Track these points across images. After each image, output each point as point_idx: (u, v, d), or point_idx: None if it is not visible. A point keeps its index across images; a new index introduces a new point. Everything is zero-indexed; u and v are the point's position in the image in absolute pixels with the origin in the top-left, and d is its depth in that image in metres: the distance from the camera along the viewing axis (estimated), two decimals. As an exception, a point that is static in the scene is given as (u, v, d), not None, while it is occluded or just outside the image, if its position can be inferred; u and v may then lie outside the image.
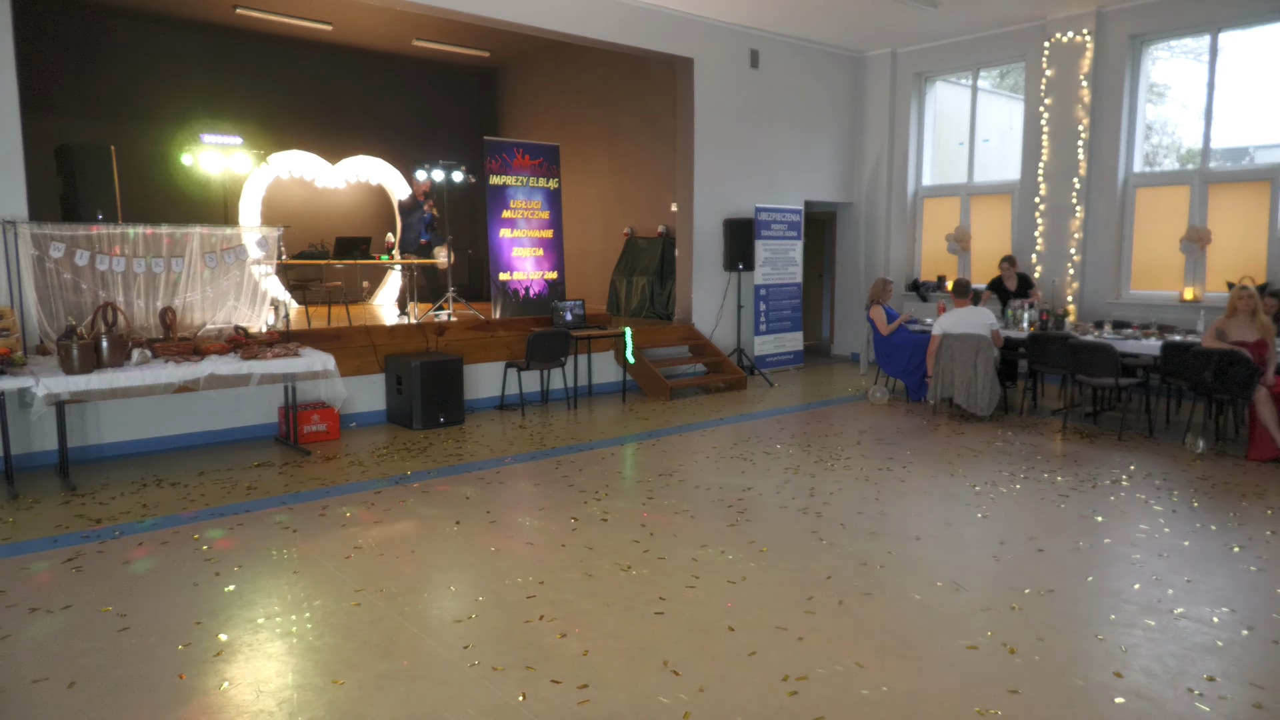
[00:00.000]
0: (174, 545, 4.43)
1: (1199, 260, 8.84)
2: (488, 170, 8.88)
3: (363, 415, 7.45)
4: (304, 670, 3.13)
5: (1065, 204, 9.58)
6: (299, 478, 5.76)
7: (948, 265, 11.06)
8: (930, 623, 3.52)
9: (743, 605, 3.69)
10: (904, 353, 8.37)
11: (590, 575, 4.02)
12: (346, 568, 4.12)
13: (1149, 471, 5.90)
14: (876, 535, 4.60)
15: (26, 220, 6.01)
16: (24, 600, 3.74)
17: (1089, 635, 3.40)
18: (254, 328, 6.90)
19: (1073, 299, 9.56)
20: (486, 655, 3.23)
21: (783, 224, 10.53)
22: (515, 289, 9.10)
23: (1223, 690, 2.97)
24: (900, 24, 9.98)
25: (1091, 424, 7.50)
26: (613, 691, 2.97)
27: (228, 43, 11.54)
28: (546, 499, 5.31)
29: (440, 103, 13.75)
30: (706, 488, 5.50)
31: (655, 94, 10.94)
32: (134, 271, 6.39)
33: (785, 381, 9.83)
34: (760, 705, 2.88)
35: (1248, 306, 6.38)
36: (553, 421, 7.59)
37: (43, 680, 3.05)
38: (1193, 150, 9.23)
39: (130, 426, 6.38)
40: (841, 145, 11.45)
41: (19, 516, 4.92)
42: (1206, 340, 6.48)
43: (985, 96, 11.08)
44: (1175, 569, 4.10)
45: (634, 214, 11.58)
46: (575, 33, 8.73)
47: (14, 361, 5.39)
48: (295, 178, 11.59)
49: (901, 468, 6.00)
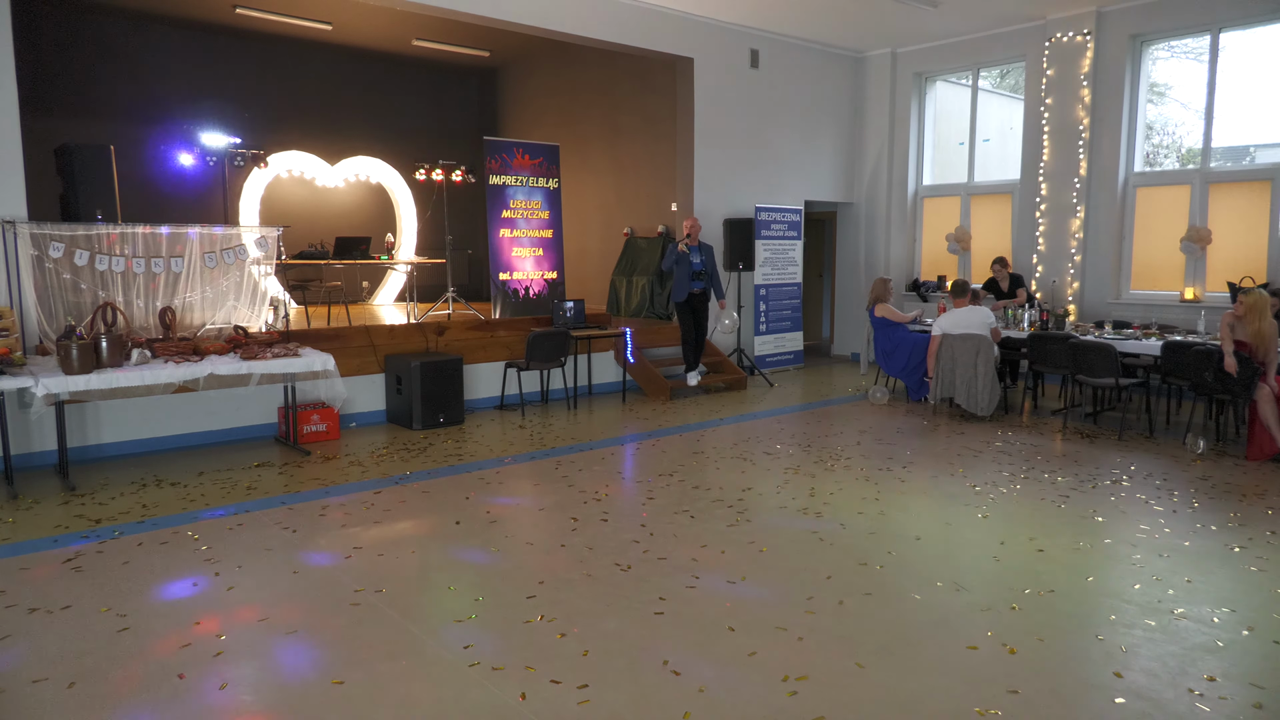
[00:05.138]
0: (174, 545, 4.43)
1: (1199, 260, 8.84)
2: (488, 170, 8.87)
3: (362, 415, 7.45)
4: (304, 670, 3.13)
5: (1065, 204, 9.58)
6: (299, 478, 5.76)
7: (948, 265, 11.06)
8: (930, 623, 3.52)
9: (743, 605, 3.69)
10: (904, 352, 8.37)
11: (590, 575, 4.02)
12: (346, 568, 4.12)
13: (1149, 471, 5.89)
14: (876, 535, 4.60)
15: (26, 220, 6.01)
16: (24, 600, 3.74)
17: (1089, 635, 3.40)
18: (254, 328, 6.90)
19: (1073, 299, 9.56)
20: (486, 655, 3.23)
21: (783, 224, 10.53)
22: (515, 289, 9.10)
23: (1223, 690, 2.97)
24: (900, 24, 9.98)
25: (1092, 424, 7.50)
26: (613, 691, 2.97)
27: (228, 43, 11.54)
28: (546, 499, 5.30)
29: (440, 103, 13.74)
30: (706, 488, 5.50)
31: (655, 94, 10.93)
32: (133, 271, 6.39)
33: (785, 381, 9.82)
34: (760, 705, 2.88)
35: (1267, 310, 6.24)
36: (553, 421, 7.58)
37: (43, 680, 3.05)
38: (1193, 150, 9.23)
39: (130, 426, 6.38)
40: (841, 145, 11.44)
41: (19, 517, 4.91)
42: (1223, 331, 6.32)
43: (985, 96, 11.07)
44: (1175, 569, 4.10)
45: (634, 214, 11.56)
46: (575, 33, 8.73)
47: (13, 361, 5.39)
48: (295, 177, 11.59)
49: (901, 468, 6.00)
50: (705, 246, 8.68)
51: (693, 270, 8.52)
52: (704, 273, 8.60)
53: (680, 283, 8.56)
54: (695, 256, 8.53)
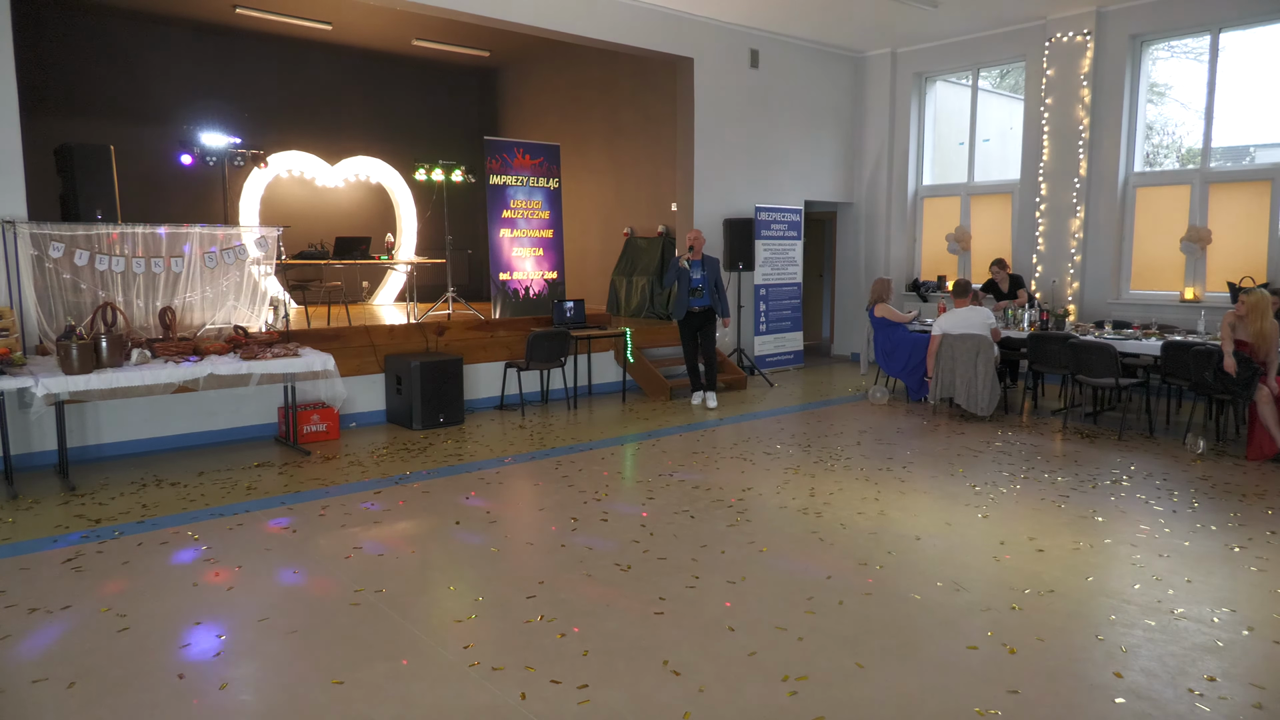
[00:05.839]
0: (174, 545, 4.43)
1: (1199, 260, 8.84)
2: (488, 170, 8.87)
3: (362, 415, 7.45)
4: (304, 670, 3.13)
5: (1065, 204, 9.58)
6: (299, 478, 5.76)
7: (948, 265, 11.06)
8: (930, 623, 3.52)
9: (743, 605, 3.68)
10: (904, 352, 8.37)
11: (590, 575, 4.02)
12: (346, 568, 4.12)
13: (1149, 471, 5.89)
14: (876, 535, 4.60)
15: (26, 220, 6.01)
16: (24, 600, 3.74)
17: (1089, 635, 3.40)
18: (254, 328, 6.90)
19: (1073, 299, 9.56)
20: (486, 655, 3.22)
21: (783, 224, 10.53)
22: (515, 289, 9.10)
23: (1223, 690, 2.97)
24: (900, 24, 9.98)
25: (1091, 424, 7.50)
26: (613, 691, 2.97)
27: (228, 43, 11.54)
28: (546, 499, 5.30)
29: (440, 103, 13.75)
30: (707, 488, 5.50)
31: (655, 94, 10.93)
32: (133, 271, 6.39)
33: (785, 381, 9.82)
34: (760, 705, 2.88)
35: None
36: (553, 421, 7.58)
37: (42, 680, 3.05)
38: (1193, 150, 9.23)
39: (130, 426, 6.38)
40: (841, 145, 11.45)
41: (19, 516, 4.91)
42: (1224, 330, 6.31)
43: (985, 96, 11.07)
44: (1175, 569, 4.10)
45: (634, 214, 11.57)
46: (575, 33, 8.73)
47: (13, 361, 5.38)
48: (295, 177, 11.60)
49: (901, 468, 6.00)
50: (710, 261, 8.12)
51: (692, 286, 8.03)
52: (702, 289, 8.04)
53: (680, 300, 8.09)
54: (696, 272, 8.01)
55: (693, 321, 8.15)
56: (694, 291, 8.04)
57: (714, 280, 8.13)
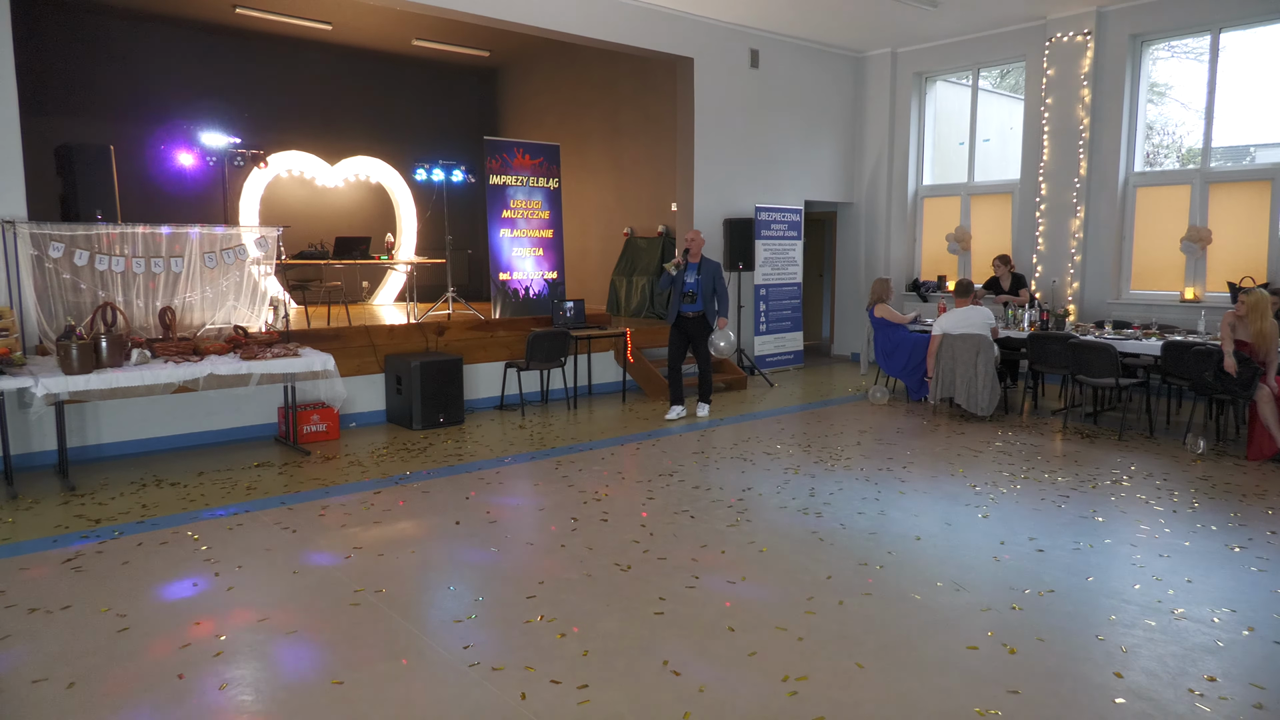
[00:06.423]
0: (174, 545, 4.43)
1: (1199, 260, 8.84)
2: (488, 170, 8.87)
3: (362, 415, 7.45)
4: (304, 670, 3.13)
5: (1066, 204, 9.58)
6: (299, 478, 5.76)
7: (948, 265, 11.05)
8: (930, 623, 3.52)
9: (743, 605, 3.68)
10: (904, 353, 8.37)
11: (590, 575, 4.02)
12: (346, 568, 4.12)
13: (1149, 471, 5.89)
14: (876, 535, 4.60)
15: (26, 220, 6.01)
16: (24, 600, 3.74)
17: (1089, 635, 3.40)
18: (253, 328, 6.90)
19: (1073, 299, 9.56)
20: (486, 655, 3.22)
21: (783, 224, 10.53)
22: (515, 289, 9.09)
23: (1223, 690, 2.97)
24: (900, 24, 9.97)
25: (1092, 424, 7.50)
26: (613, 691, 2.97)
27: (228, 43, 11.54)
28: (546, 499, 5.30)
29: (440, 103, 13.74)
30: (706, 488, 5.50)
31: (655, 94, 10.93)
32: (133, 271, 6.39)
33: (785, 381, 9.82)
34: (760, 705, 2.88)
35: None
36: (553, 421, 7.58)
37: (42, 680, 3.05)
38: (1193, 150, 9.23)
39: (129, 427, 6.38)
40: (841, 145, 11.44)
41: (18, 517, 4.91)
42: (1224, 330, 6.31)
43: (985, 96, 11.07)
44: (1176, 569, 4.09)
45: (634, 214, 11.57)
46: (575, 33, 8.73)
47: (13, 361, 5.38)
48: (295, 177, 11.59)
49: (901, 468, 6.00)
50: (708, 264, 7.53)
51: (685, 291, 7.50)
52: (695, 294, 7.47)
53: (672, 303, 7.59)
54: (690, 276, 7.46)
55: (684, 327, 7.60)
56: (686, 296, 7.51)
57: (710, 285, 7.52)
